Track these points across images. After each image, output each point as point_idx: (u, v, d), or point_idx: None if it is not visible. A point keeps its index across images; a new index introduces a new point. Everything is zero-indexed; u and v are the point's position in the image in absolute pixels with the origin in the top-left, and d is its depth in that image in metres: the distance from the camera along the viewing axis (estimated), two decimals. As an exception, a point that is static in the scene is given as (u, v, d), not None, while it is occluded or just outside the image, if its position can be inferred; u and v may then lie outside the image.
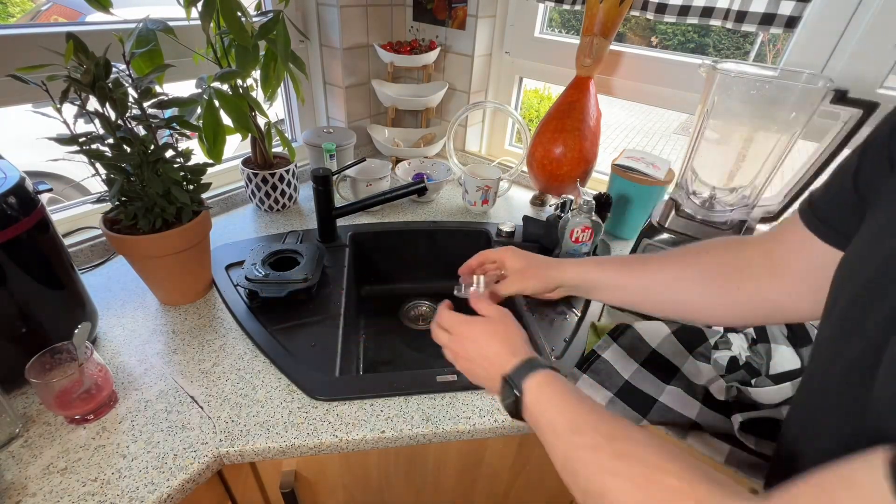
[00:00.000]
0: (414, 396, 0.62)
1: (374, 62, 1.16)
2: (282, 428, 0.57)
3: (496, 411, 0.61)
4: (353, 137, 1.10)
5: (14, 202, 0.52)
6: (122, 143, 0.59)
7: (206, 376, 0.63)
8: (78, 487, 0.49)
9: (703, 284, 0.48)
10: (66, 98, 0.54)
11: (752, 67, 0.71)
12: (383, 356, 0.91)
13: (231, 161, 1.03)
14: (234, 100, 0.75)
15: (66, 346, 0.55)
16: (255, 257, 0.78)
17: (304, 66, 0.89)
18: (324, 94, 1.18)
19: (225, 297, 0.75)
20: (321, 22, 1.07)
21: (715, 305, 0.48)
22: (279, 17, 0.80)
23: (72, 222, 0.84)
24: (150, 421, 0.56)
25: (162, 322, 0.71)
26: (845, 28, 0.74)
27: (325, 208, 0.87)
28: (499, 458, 0.69)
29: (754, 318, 0.48)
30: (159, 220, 0.64)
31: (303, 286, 0.73)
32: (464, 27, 1.09)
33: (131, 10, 0.76)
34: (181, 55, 0.79)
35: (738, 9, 0.78)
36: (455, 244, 1.01)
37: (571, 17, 1.45)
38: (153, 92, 0.60)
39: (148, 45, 0.71)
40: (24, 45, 0.69)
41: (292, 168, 0.98)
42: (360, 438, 0.57)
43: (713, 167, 0.73)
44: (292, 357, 0.66)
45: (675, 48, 1.49)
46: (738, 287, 0.46)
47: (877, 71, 0.73)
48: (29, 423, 0.55)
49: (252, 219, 0.98)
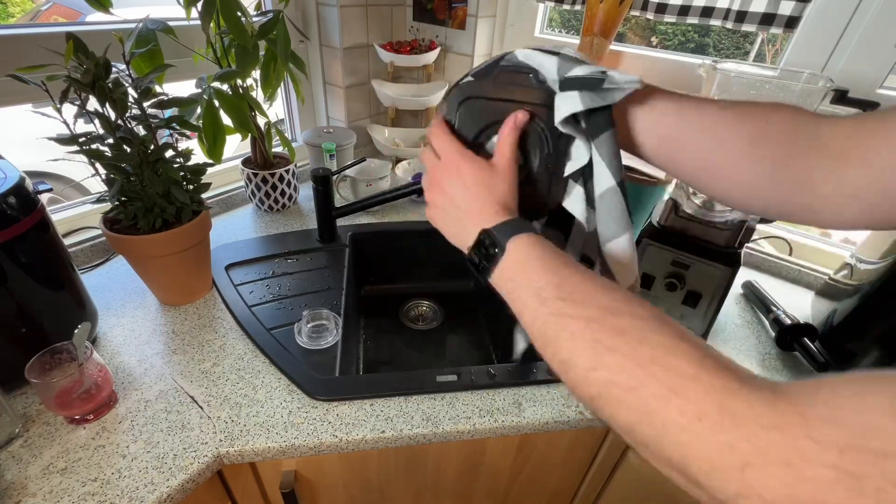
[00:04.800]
0: (414, 396, 0.62)
1: (374, 62, 1.16)
2: (282, 428, 0.57)
3: (496, 411, 0.61)
4: (353, 137, 1.10)
5: (14, 202, 0.52)
6: (122, 143, 0.59)
7: (206, 376, 0.63)
8: (78, 487, 0.49)
9: (752, 165, 0.37)
10: (66, 98, 0.54)
11: (752, 67, 0.71)
12: (383, 356, 0.91)
13: (231, 161, 1.03)
14: (234, 100, 0.75)
15: (66, 346, 0.55)
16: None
17: (304, 66, 0.89)
18: (324, 94, 1.18)
19: (225, 297, 0.75)
20: (321, 22, 1.07)
21: (749, 191, 0.38)
22: (279, 17, 0.80)
23: (72, 222, 0.84)
24: (150, 421, 0.56)
25: (162, 322, 0.71)
26: (845, 28, 0.73)
27: (324, 208, 0.87)
28: (499, 458, 0.69)
29: (778, 212, 0.39)
30: (159, 220, 0.64)
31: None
32: (464, 27, 1.09)
33: (131, 10, 0.76)
34: (181, 55, 0.79)
35: (738, 9, 0.78)
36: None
37: (571, 17, 1.45)
38: (153, 92, 0.60)
39: (148, 45, 0.71)
40: (24, 45, 0.69)
41: (292, 168, 0.98)
42: (360, 438, 0.57)
43: (713, 167, 0.73)
44: (292, 357, 0.66)
45: (675, 48, 1.49)
46: (791, 174, 0.36)
47: (877, 71, 0.73)
48: (29, 423, 0.55)
49: (252, 219, 0.98)
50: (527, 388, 0.64)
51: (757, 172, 0.37)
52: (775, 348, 0.73)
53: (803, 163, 0.35)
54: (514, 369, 0.66)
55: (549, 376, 0.65)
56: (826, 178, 0.34)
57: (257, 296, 0.76)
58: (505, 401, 0.62)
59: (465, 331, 0.98)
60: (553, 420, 0.60)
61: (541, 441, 0.68)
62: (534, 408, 0.61)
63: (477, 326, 0.99)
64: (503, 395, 0.63)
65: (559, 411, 0.61)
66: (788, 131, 0.36)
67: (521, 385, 0.64)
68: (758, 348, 0.74)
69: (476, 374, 0.64)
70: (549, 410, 0.61)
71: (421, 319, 1.00)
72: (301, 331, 0.68)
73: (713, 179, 0.40)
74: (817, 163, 0.35)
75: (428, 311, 1.02)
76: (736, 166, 0.38)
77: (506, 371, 0.65)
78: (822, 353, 0.66)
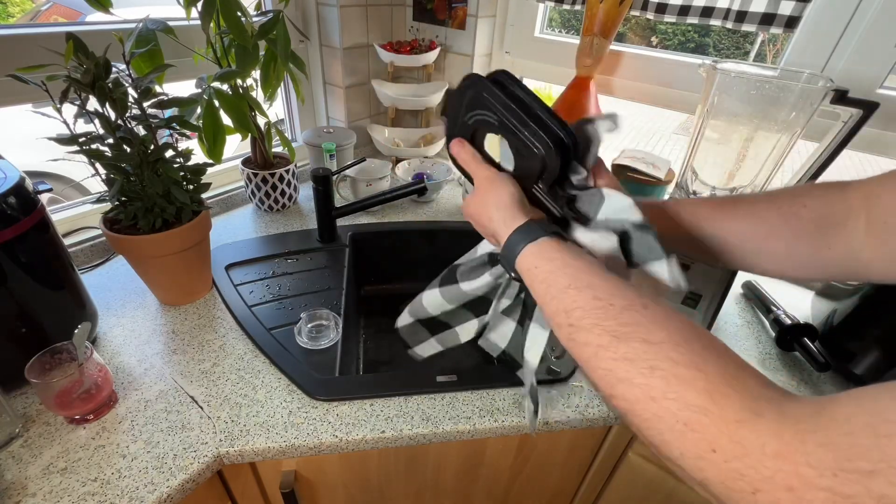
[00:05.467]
0: (414, 396, 0.62)
1: (374, 62, 1.16)
2: (282, 428, 0.57)
3: (496, 411, 0.61)
4: (353, 137, 1.10)
5: (14, 202, 0.52)
6: (121, 143, 0.59)
7: (206, 376, 0.63)
8: (78, 487, 0.49)
9: (793, 241, 0.42)
10: (66, 98, 0.54)
11: (752, 67, 0.71)
12: (383, 356, 0.91)
13: (231, 161, 1.03)
14: (234, 100, 0.75)
15: (66, 346, 0.55)
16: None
17: (304, 65, 0.89)
18: (324, 94, 1.18)
19: (225, 297, 0.75)
20: (321, 22, 1.07)
21: (797, 265, 0.43)
22: (279, 17, 0.80)
23: (72, 222, 0.84)
24: (149, 421, 0.56)
25: (162, 322, 0.71)
26: (845, 28, 0.73)
27: (324, 208, 0.87)
28: (499, 458, 0.69)
29: (834, 277, 0.43)
30: (159, 220, 0.64)
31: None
32: (464, 27, 1.09)
33: (131, 10, 0.76)
34: (181, 55, 0.79)
35: (738, 9, 0.78)
36: (455, 244, 1.00)
37: (571, 17, 1.45)
38: (153, 92, 0.60)
39: (148, 45, 0.71)
40: (24, 45, 0.69)
41: (292, 168, 0.98)
42: (360, 438, 0.57)
43: (713, 167, 0.73)
44: (292, 357, 0.66)
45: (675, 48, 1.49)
46: (829, 246, 0.40)
47: (877, 71, 0.73)
48: (29, 423, 0.55)
49: (252, 219, 0.98)
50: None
51: (800, 248, 0.42)
52: (775, 348, 0.73)
53: (839, 234, 0.40)
54: (513, 369, 0.66)
55: (548, 376, 0.65)
56: (862, 246, 0.38)
57: (257, 296, 0.76)
58: (505, 401, 0.62)
59: (465, 331, 0.98)
60: (553, 420, 0.60)
61: (541, 441, 0.68)
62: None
63: (477, 326, 0.99)
64: (503, 395, 0.63)
65: (559, 411, 0.61)
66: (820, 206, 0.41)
67: (521, 385, 0.64)
68: (758, 348, 0.74)
69: (476, 374, 0.64)
70: (549, 410, 0.61)
71: (421, 319, 1.00)
72: (301, 331, 0.68)
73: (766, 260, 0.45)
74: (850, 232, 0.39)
75: (428, 311, 1.02)
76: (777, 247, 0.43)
77: (506, 371, 0.65)
78: (822, 353, 0.66)
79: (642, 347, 0.29)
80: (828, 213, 0.41)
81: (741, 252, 0.45)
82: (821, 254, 0.41)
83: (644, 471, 0.72)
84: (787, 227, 0.42)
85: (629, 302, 0.32)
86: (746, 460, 0.23)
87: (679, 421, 0.26)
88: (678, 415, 0.26)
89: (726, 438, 0.24)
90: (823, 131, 0.68)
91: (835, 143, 0.67)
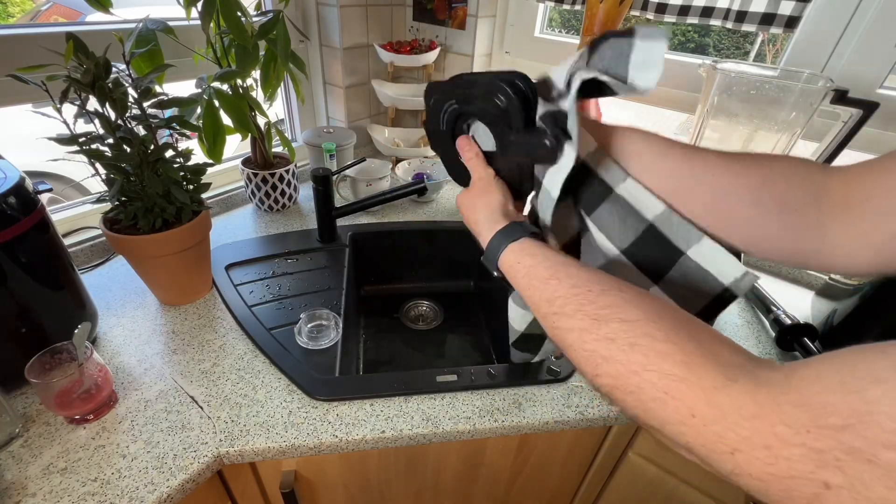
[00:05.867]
0: (414, 396, 0.62)
1: (374, 62, 1.16)
2: (282, 428, 0.57)
3: (496, 411, 0.61)
4: (353, 137, 1.10)
5: (14, 202, 0.52)
6: (121, 143, 0.59)
7: (206, 376, 0.63)
8: (78, 487, 0.49)
9: (759, 209, 0.39)
10: (66, 98, 0.54)
11: (752, 67, 0.71)
12: (383, 356, 0.91)
13: (231, 161, 1.03)
14: (234, 100, 0.75)
15: (66, 346, 0.55)
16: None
17: (304, 65, 0.89)
18: (324, 94, 1.18)
19: (225, 297, 0.75)
20: (321, 22, 1.07)
21: (761, 237, 0.40)
22: (279, 17, 0.80)
23: (72, 222, 0.84)
24: (149, 421, 0.56)
25: (162, 322, 0.71)
26: (845, 28, 0.74)
27: (324, 208, 0.87)
28: (499, 458, 0.69)
29: (793, 259, 0.40)
30: (159, 220, 0.64)
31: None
32: (464, 27, 1.09)
33: (131, 10, 0.76)
34: (181, 55, 0.79)
35: (738, 9, 0.78)
36: (455, 244, 1.01)
37: (571, 17, 1.45)
38: (153, 92, 0.60)
39: (148, 45, 0.71)
40: (24, 45, 0.69)
41: (292, 168, 0.98)
42: (360, 438, 0.57)
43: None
44: (292, 357, 0.66)
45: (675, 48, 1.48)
46: (799, 220, 0.37)
47: (877, 71, 0.73)
48: (29, 423, 0.55)
49: (252, 219, 0.98)
50: (527, 388, 0.64)
51: (765, 218, 0.39)
52: (775, 348, 0.73)
53: (809, 209, 0.37)
54: (513, 369, 0.66)
55: (548, 376, 0.65)
56: (832, 224, 0.36)
57: (257, 296, 0.76)
58: (505, 401, 0.62)
59: (465, 331, 0.98)
60: (553, 420, 0.60)
61: (541, 441, 0.68)
62: (534, 408, 0.61)
63: (477, 326, 0.99)
64: (503, 395, 0.63)
65: (559, 411, 0.61)
66: (791, 178, 0.38)
67: (521, 385, 0.64)
68: (758, 348, 0.73)
69: (476, 374, 0.64)
70: (549, 410, 0.61)
71: (421, 319, 1.00)
72: (301, 331, 0.68)
73: (724, 225, 0.42)
74: (822, 209, 0.37)
75: (428, 311, 1.02)
76: (744, 211, 0.40)
77: (506, 371, 0.65)
78: (822, 353, 0.66)
79: (621, 327, 0.31)
80: (800, 184, 0.38)
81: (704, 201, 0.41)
82: (787, 230, 0.38)
83: (644, 471, 0.72)
84: (757, 190, 0.39)
85: (606, 287, 0.34)
86: (724, 423, 0.25)
87: (659, 390, 0.28)
88: (658, 384, 0.28)
89: (704, 403, 0.26)
90: (823, 131, 0.68)
91: (835, 143, 0.67)
